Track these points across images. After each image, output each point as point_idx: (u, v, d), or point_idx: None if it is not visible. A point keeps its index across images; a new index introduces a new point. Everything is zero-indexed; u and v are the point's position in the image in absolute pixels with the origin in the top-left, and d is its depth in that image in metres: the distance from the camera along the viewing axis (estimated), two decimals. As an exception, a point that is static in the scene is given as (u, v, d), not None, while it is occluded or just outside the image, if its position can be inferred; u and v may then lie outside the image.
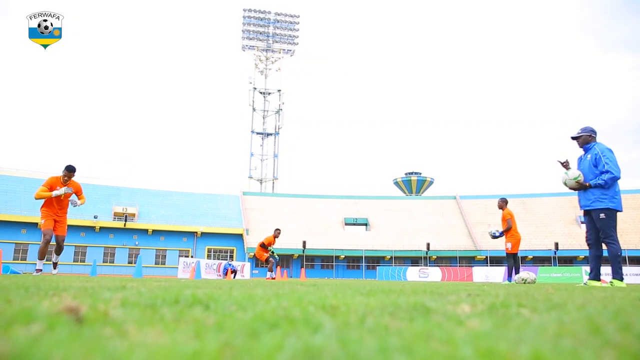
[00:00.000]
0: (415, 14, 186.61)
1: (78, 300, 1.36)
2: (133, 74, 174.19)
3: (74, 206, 8.14)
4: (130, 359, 0.57)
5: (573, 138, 6.86)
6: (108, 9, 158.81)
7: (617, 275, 6.30)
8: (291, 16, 62.30)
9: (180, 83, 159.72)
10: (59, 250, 8.39)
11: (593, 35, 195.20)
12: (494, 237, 10.73)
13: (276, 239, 13.24)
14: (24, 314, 0.96)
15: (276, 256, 13.53)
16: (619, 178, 6.38)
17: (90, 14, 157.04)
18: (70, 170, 8.06)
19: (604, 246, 6.49)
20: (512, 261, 10.48)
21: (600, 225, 6.39)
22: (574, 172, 6.70)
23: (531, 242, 41.36)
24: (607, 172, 6.35)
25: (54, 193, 7.88)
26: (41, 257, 7.94)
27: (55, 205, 8.09)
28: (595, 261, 6.56)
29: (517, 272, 10.21)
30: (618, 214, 6.49)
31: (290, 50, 63.14)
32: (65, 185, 8.06)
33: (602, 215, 6.37)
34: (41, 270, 8.01)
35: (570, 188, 6.80)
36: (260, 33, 61.89)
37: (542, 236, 42.67)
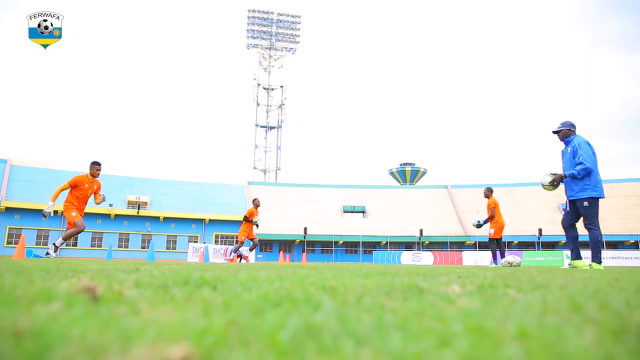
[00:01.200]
0: (409, 11, 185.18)
1: (95, 281, 1.36)
2: (147, 72, 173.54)
3: (98, 203, 8.31)
4: (143, 335, 0.57)
5: (554, 132, 6.84)
6: (126, 10, 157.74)
7: (596, 259, 6.32)
8: (293, 16, 61.78)
9: (190, 80, 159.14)
10: (71, 235, 8.24)
11: (584, 32, 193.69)
12: (478, 226, 10.77)
13: (258, 208, 12.08)
14: (44, 294, 0.96)
15: (257, 239, 12.08)
16: (591, 170, 6.35)
17: (106, 14, 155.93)
18: (99, 164, 8.26)
19: (585, 231, 6.50)
20: (495, 245, 10.51)
21: (584, 213, 6.41)
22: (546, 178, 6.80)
23: (517, 228, 41.43)
24: (580, 163, 6.36)
25: (47, 206, 7.96)
26: (65, 240, 8.03)
27: (80, 200, 8.17)
28: (573, 242, 6.59)
29: (502, 256, 10.25)
30: (600, 201, 6.50)
31: (292, 49, 62.72)
32: (92, 181, 8.18)
33: (585, 203, 6.39)
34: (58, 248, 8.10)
35: (549, 185, 6.80)
36: (264, 32, 61.43)
37: (527, 222, 42.75)
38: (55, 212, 8.16)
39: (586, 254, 7.46)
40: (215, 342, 0.55)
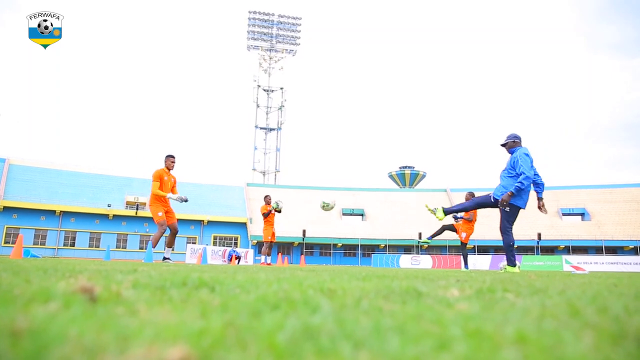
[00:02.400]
0: (409, 14, 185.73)
1: (92, 281, 1.36)
2: (146, 72, 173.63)
3: (180, 202, 8.30)
4: (141, 336, 0.57)
5: (502, 145, 6.87)
6: (126, 10, 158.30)
7: (510, 262, 6.44)
8: (293, 18, 61.88)
9: (190, 81, 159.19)
10: (172, 240, 8.37)
11: (584, 34, 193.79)
12: (455, 218, 11.21)
13: (270, 203, 12.19)
14: (42, 294, 0.96)
15: (279, 208, 12.02)
16: (532, 179, 6.38)
17: (107, 14, 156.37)
18: (173, 156, 8.40)
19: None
20: (466, 250, 10.83)
21: (502, 216, 6.40)
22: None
23: (516, 232, 40.96)
24: (521, 173, 6.38)
25: (168, 195, 8.10)
26: (154, 245, 8.24)
27: (163, 198, 8.25)
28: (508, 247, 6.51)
29: (465, 261, 10.53)
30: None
31: (293, 51, 62.79)
32: (169, 173, 8.28)
33: (507, 209, 6.34)
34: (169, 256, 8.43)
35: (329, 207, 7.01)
36: (265, 34, 61.50)
37: (526, 227, 42.69)
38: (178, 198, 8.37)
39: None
40: (212, 343, 0.55)
